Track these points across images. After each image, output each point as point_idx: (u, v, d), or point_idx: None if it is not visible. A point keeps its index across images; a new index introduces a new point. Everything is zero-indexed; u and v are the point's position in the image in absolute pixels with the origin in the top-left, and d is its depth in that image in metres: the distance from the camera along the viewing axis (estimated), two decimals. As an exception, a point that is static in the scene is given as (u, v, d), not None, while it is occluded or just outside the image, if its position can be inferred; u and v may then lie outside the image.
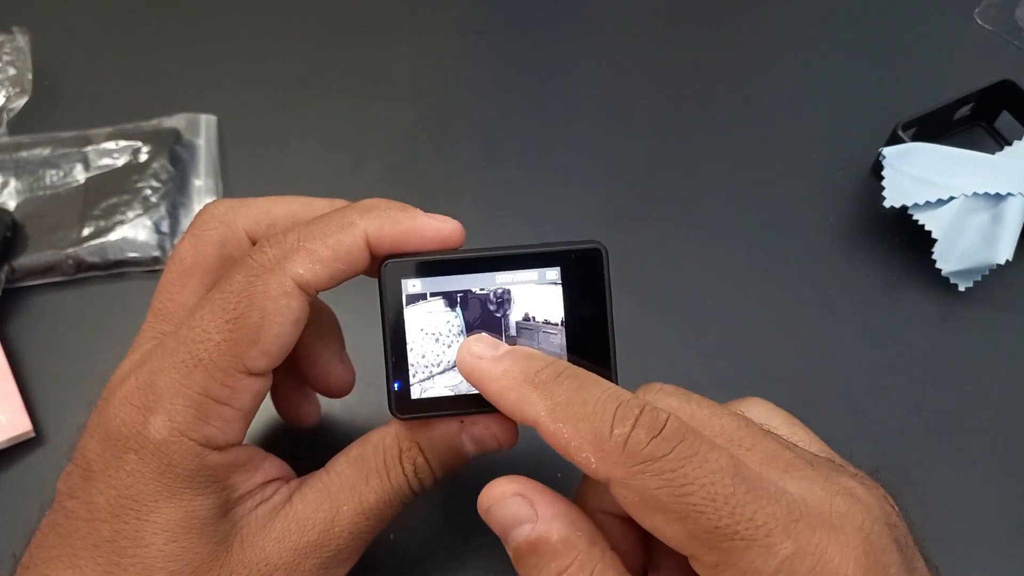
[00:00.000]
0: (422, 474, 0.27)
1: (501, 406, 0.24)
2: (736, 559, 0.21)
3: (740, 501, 0.21)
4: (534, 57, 0.50)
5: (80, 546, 0.24)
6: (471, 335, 0.26)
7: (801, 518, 0.22)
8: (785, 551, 0.21)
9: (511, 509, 0.24)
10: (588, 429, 0.22)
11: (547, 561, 0.23)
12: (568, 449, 0.22)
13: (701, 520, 0.21)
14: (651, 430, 0.22)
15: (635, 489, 0.21)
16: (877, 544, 0.22)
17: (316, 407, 0.34)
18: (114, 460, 0.24)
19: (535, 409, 0.23)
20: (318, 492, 0.26)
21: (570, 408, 0.23)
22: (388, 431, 0.27)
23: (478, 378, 0.25)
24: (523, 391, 0.23)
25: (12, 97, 0.47)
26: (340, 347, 0.32)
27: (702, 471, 0.21)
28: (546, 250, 0.26)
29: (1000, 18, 0.51)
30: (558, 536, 0.23)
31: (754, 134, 0.47)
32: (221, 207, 0.28)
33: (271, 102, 0.48)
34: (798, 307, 0.41)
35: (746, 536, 0.21)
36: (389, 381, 0.26)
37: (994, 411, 0.37)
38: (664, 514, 0.21)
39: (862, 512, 0.23)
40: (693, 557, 0.22)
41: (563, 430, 0.22)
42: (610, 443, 0.22)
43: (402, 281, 0.26)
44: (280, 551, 0.25)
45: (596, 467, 0.22)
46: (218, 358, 0.24)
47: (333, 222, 0.25)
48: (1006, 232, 0.38)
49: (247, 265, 0.25)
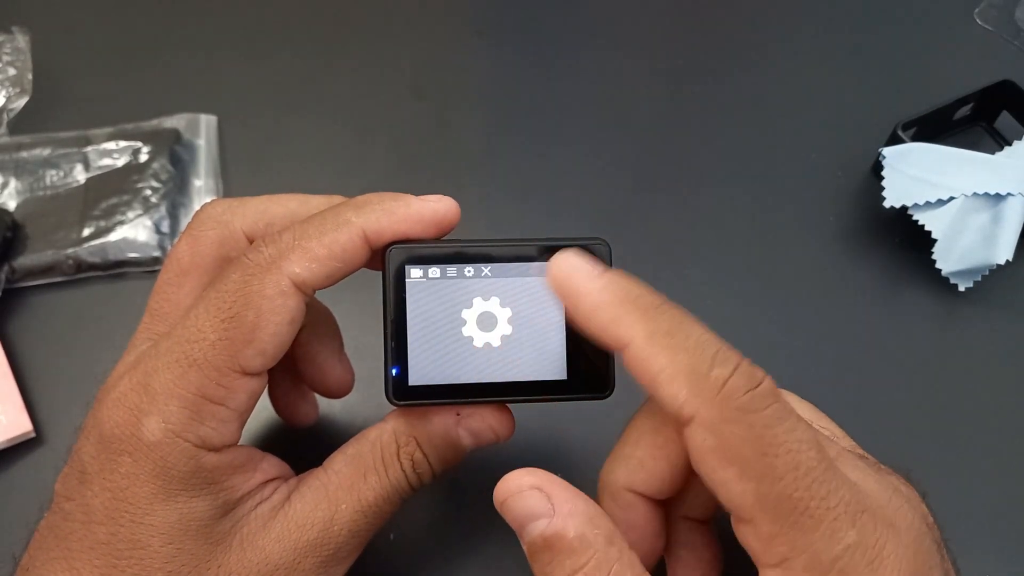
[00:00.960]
0: (420, 469, 0.27)
1: (588, 324, 0.23)
2: (797, 535, 0.21)
3: (819, 478, 0.21)
4: (535, 57, 0.50)
5: (77, 548, 0.24)
6: (563, 253, 0.24)
7: (866, 510, 0.21)
8: (848, 539, 0.21)
9: (528, 503, 0.23)
10: (686, 361, 0.21)
11: (562, 559, 0.22)
12: (657, 378, 0.22)
13: (777, 485, 0.21)
14: (750, 381, 0.21)
15: (719, 434, 0.21)
16: (923, 545, 0.22)
17: (314, 407, 0.34)
18: (108, 462, 0.24)
19: (631, 331, 0.22)
20: (316, 491, 0.26)
21: (671, 337, 0.22)
22: (384, 428, 0.27)
23: (571, 289, 0.23)
24: (621, 310, 0.22)
25: (12, 97, 0.47)
26: (339, 347, 0.32)
27: (791, 437, 0.21)
28: (550, 243, 0.26)
29: (1000, 18, 0.51)
30: (575, 533, 0.22)
31: (754, 134, 0.47)
32: (218, 207, 0.28)
33: (271, 102, 0.48)
34: (798, 307, 0.41)
35: (815, 515, 0.21)
36: (387, 366, 0.26)
37: (994, 411, 0.37)
38: (740, 468, 0.21)
39: (912, 512, 0.23)
40: (750, 522, 0.21)
41: (658, 356, 0.22)
42: (707, 381, 0.21)
43: (405, 267, 0.26)
44: (280, 550, 0.25)
45: (684, 401, 0.21)
46: (213, 358, 0.24)
47: (329, 220, 0.25)
48: (1006, 232, 0.38)
49: (243, 264, 0.25)
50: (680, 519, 0.27)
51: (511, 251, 0.26)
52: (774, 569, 0.21)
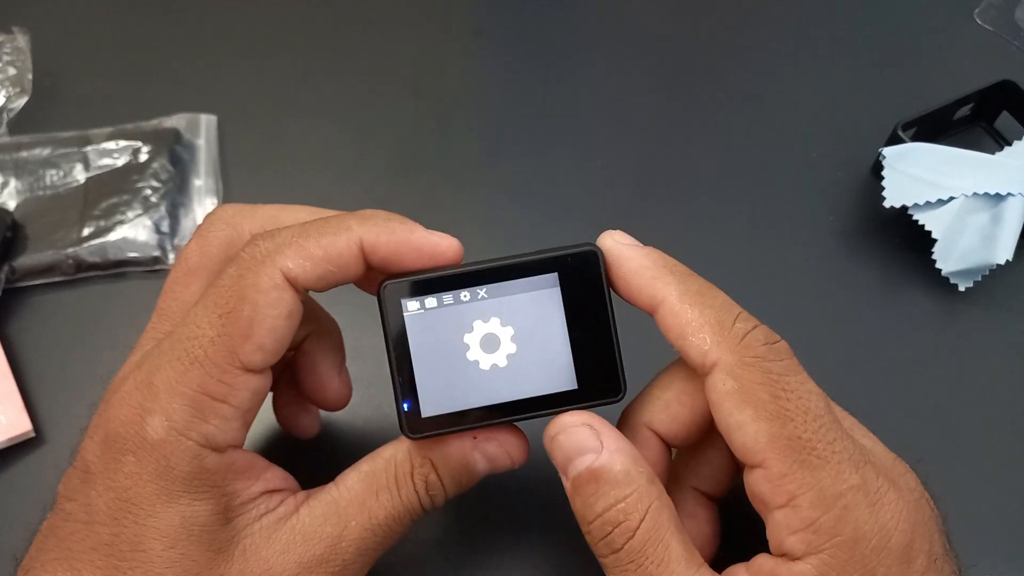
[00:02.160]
0: (433, 491, 0.27)
1: (632, 281, 0.26)
2: (805, 474, 0.23)
3: (826, 425, 0.23)
4: (534, 57, 0.50)
5: (79, 549, 0.24)
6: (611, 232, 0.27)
7: (870, 462, 0.24)
8: (852, 481, 0.23)
9: (578, 437, 0.25)
10: (713, 316, 0.24)
11: (607, 489, 0.24)
12: (686, 329, 0.24)
13: (789, 425, 0.23)
14: (769, 337, 0.24)
15: (739, 377, 0.24)
16: (923, 512, 0.24)
17: (315, 419, 0.33)
18: (112, 462, 0.24)
19: (666, 291, 0.25)
20: (326, 505, 0.26)
21: (701, 296, 0.25)
22: (400, 447, 0.27)
23: (617, 254, 0.26)
24: (658, 273, 0.25)
25: (12, 97, 0.47)
26: (340, 361, 0.32)
27: (803, 388, 0.24)
28: (541, 257, 0.26)
29: (1000, 18, 0.51)
30: (621, 467, 0.24)
31: (754, 134, 0.47)
32: (229, 210, 0.28)
33: (271, 102, 0.48)
34: (798, 307, 0.41)
35: (823, 455, 0.23)
36: (398, 402, 0.26)
37: (994, 411, 0.37)
38: (756, 409, 0.23)
39: (915, 481, 0.25)
40: (762, 464, 0.23)
41: (688, 311, 0.25)
42: (731, 331, 0.24)
43: (401, 301, 0.26)
44: (284, 563, 0.25)
45: (709, 349, 0.24)
46: (213, 354, 0.24)
47: (330, 224, 0.25)
48: (1006, 232, 0.38)
49: (239, 259, 0.25)
50: (689, 489, 0.29)
51: (504, 269, 0.26)
52: (781, 510, 0.23)
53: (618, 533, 0.24)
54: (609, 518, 0.24)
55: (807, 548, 0.23)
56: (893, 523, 0.23)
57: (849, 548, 0.23)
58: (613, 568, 0.25)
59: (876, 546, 0.23)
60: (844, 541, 0.23)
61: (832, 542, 0.23)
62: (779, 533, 0.23)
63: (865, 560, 0.23)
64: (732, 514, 0.29)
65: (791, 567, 0.23)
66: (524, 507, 0.34)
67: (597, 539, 0.25)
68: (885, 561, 0.23)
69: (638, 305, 0.26)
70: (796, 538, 0.23)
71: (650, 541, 0.24)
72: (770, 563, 0.24)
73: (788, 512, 0.23)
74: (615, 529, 0.24)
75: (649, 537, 0.24)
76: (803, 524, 0.23)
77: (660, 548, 0.24)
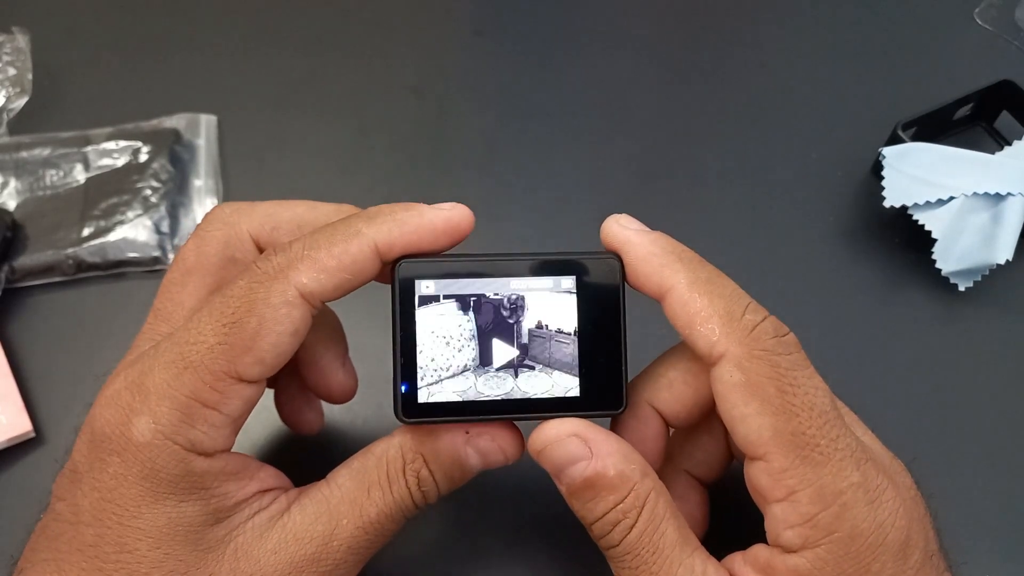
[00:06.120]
0: (425, 487, 0.26)
1: (639, 269, 0.25)
2: (807, 469, 0.23)
3: (831, 421, 0.23)
4: (534, 57, 0.50)
5: (66, 550, 0.24)
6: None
7: (870, 460, 0.24)
8: (853, 478, 0.23)
9: (567, 448, 0.25)
10: (722, 305, 0.24)
11: (604, 494, 0.24)
12: (695, 319, 0.24)
13: (793, 421, 0.23)
14: (778, 330, 0.24)
15: (746, 370, 0.23)
16: (919, 509, 0.25)
17: (319, 415, 0.33)
18: (98, 462, 0.24)
19: (675, 278, 0.25)
20: (318, 504, 0.26)
21: (710, 284, 0.25)
22: (391, 443, 0.27)
23: (624, 240, 0.26)
24: (667, 260, 0.25)
25: (12, 97, 0.47)
26: (343, 352, 0.32)
27: (809, 383, 0.24)
28: (562, 258, 0.26)
29: (1000, 18, 0.51)
30: (615, 471, 0.24)
31: (754, 134, 0.47)
32: (227, 209, 0.28)
33: (271, 102, 0.48)
34: (798, 307, 0.40)
35: (825, 452, 0.23)
36: (396, 383, 0.25)
37: (994, 411, 0.37)
38: (761, 403, 0.23)
39: (910, 479, 0.26)
40: (764, 457, 0.23)
41: (697, 300, 0.24)
42: (740, 323, 0.24)
43: (415, 282, 0.25)
44: (275, 563, 0.25)
45: (717, 340, 0.24)
46: (209, 361, 0.24)
47: (339, 231, 0.25)
48: (1006, 232, 0.38)
49: (251, 271, 0.25)
50: (682, 472, 0.29)
51: (523, 265, 0.26)
52: (780, 503, 0.23)
53: (617, 532, 0.24)
54: (609, 519, 0.24)
55: (804, 542, 0.23)
56: (891, 520, 0.23)
57: (845, 544, 0.23)
58: (613, 559, 0.25)
59: (873, 542, 0.23)
60: (841, 537, 0.23)
61: (829, 538, 0.23)
62: (777, 526, 0.24)
63: (861, 556, 0.23)
64: (731, 501, 0.30)
65: (786, 559, 0.23)
66: (523, 506, 0.34)
67: (597, 537, 0.25)
68: (881, 557, 0.23)
69: (645, 292, 0.25)
70: (793, 532, 0.23)
71: (646, 532, 0.24)
72: (766, 554, 0.24)
73: (787, 506, 0.23)
74: (614, 528, 0.24)
75: (645, 529, 0.24)
76: (801, 519, 0.23)
77: (656, 537, 0.24)
